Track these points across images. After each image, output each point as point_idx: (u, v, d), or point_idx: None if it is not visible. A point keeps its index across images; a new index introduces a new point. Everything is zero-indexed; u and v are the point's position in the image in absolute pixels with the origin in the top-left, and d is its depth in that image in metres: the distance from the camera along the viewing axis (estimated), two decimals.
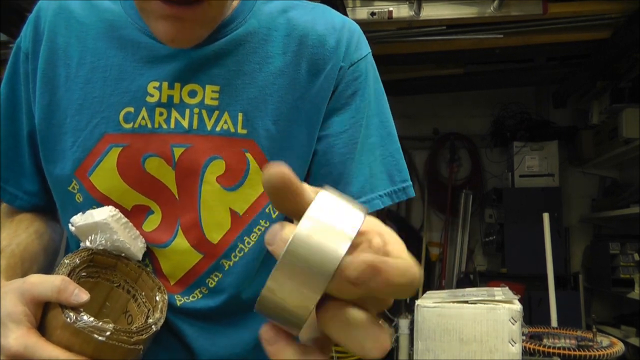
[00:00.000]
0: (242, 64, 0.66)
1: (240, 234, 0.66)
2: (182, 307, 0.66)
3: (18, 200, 0.73)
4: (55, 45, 0.68)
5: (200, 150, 0.64)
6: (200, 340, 0.67)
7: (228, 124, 0.65)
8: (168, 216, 0.66)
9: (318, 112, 0.68)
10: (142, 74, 0.65)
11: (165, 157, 0.64)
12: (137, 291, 0.63)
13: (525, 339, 1.92)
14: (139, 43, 0.66)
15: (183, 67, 0.65)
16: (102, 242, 0.61)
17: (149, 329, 0.56)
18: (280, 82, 0.67)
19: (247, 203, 0.66)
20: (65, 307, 0.51)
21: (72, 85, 0.66)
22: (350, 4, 2.65)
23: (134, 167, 0.65)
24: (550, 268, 2.52)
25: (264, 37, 0.68)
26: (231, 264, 0.67)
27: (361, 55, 0.70)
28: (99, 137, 0.65)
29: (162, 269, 0.67)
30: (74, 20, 0.68)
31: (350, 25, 0.71)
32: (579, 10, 2.73)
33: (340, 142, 0.68)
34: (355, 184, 0.68)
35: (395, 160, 0.71)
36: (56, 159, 0.67)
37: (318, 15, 0.70)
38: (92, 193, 0.65)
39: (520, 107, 4.13)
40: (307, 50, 0.68)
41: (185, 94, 0.65)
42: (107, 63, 0.66)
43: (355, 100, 0.69)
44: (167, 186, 0.65)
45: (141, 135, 0.65)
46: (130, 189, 0.65)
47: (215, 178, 0.65)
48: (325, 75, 0.68)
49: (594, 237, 4.03)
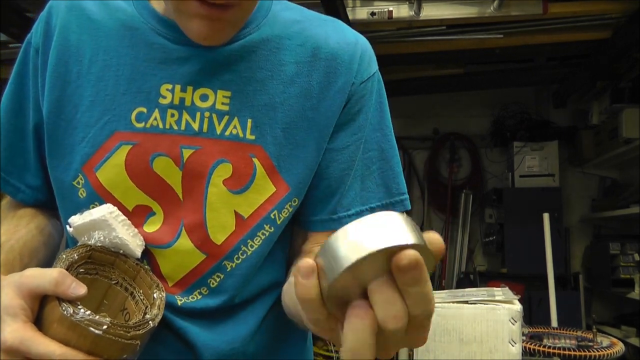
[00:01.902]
0: (254, 70, 0.67)
1: (244, 237, 0.67)
2: (183, 307, 0.67)
3: (20, 194, 0.73)
4: (67, 42, 0.68)
5: (209, 152, 0.65)
6: (202, 337, 0.67)
7: (237, 129, 0.66)
8: (170, 217, 0.66)
9: (328, 124, 0.69)
10: (154, 75, 0.66)
11: (173, 157, 0.65)
12: (135, 289, 0.63)
13: (525, 339, 1.92)
14: (153, 44, 0.67)
15: (196, 70, 0.66)
16: (101, 239, 0.61)
17: (146, 324, 0.56)
18: (291, 91, 0.68)
19: (252, 207, 0.67)
20: (63, 300, 0.51)
21: (84, 82, 0.67)
22: (350, 4, 2.65)
23: (141, 165, 0.65)
24: (550, 268, 2.52)
25: (277, 45, 0.68)
26: (233, 266, 0.67)
27: (371, 73, 0.71)
28: (109, 134, 0.65)
29: (161, 270, 0.67)
30: (86, 18, 0.69)
31: (363, 41, 0.72)
32: (579, 10, 2.73)
33: (341, 158, 0.69)
34: (347, 197, 0.70)
35: (394, 174, 0.72)
36: (63, 152, 0.67)
37: (331, 28, 0.71)
38: (96, 189, 0.66)
39: (520, 107, 4.13)
40: (320, 62, 0.68)
41: (197, 97, 0.66)
42: (120, 62, 0.67)
43: (359, 117, 0.70)
44: (172, 187, 0.66)
45: (152, 135, 0.65)
46: (135, 186, 0.66)
47: (221, 181, 0.65)
48: (338, 88, 0.68)
49: (594, 237, 4.03)
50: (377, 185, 0.71)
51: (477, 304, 1.27)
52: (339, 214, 0.69)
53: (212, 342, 0.68)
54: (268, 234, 0.68)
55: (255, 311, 0.71)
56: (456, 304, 1.28)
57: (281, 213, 0.68)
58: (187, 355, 0.68)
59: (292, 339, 0.76)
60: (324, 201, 0.70)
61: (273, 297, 0.72)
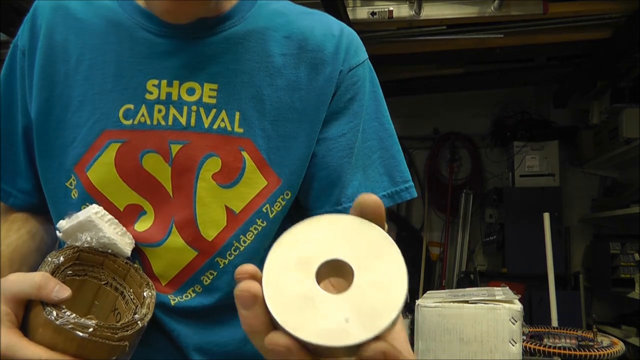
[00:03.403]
0: (241, 62, 0.67)
1: (236, 233, 0.66)
2: (176, 307, 0.66)
3: (12, 198, 0.72)
4: (53, 42, 0.68)
5: (197, 147, 0.65)
6: (194, 339, 0.67)
7: (225, 122, 0.65)
8: (161, 215, 0.66)
9: (318, 114, 0.68)
10: (140, 70, 0.65)
11: (162, 153, 0.65)
12: (125, 288, 0.62)
13: (525, 339, 1.92)
14: (137, 38, 0.66)
15: (181, 64, 0.65)
16: (88, 240, 0.60)
17: (135, 324, 0.55)
18: (279, 83, 0.67)
19: (243, 202, 0.66)
20: (48, 304, 0.50)
21: (72, 82, 0.67)
22: (351, 4, 2.65)
23: (131, 163, 0.65)
24: (550, 268, 2.52)
25: (262, 36, 0.68)
26: (226, 262, 0.67)
27: (359, 61, 0.71)
28: (98, 133, 0.65)
29: (153, 269, 0.66)
30: (71, 17, 0.68)
31: (349, 31, 0.72)
32: (579, 10, 2.73)
33: (338, 146, 0.69)
34: (350, 187, 0.69)
35: (396, 162, 0.72)
36: (55, 154, 0.67)
37: (316, 20, 0.71)
38: (87, 189, 0.65)
39: (520, 107, 4.13)
40: (307, 54, 0.68)
41: (184, 91, 0.65)
42: (106, 59, 0.66)
43: (353, 105, 0.70)
44: (162, 184, 0.65)
45: (140, 131, 0.65)
46: (126, 185, 0.65)
47: (210, 175, 0.65)
48: (325, 78, 0.68)
49: (594, 237, 4.03)
50: (380, 174, 0.71)
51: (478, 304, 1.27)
52: (343, 204, 0.69)
53: (206, 345, 0.67)
54: (261, 229, 0.67)
55: None
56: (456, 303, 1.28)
57: (273, 207, 0.67)
58: (178, 358, 0.67)
59: None
60: (326, 192, 0.69)
61: None
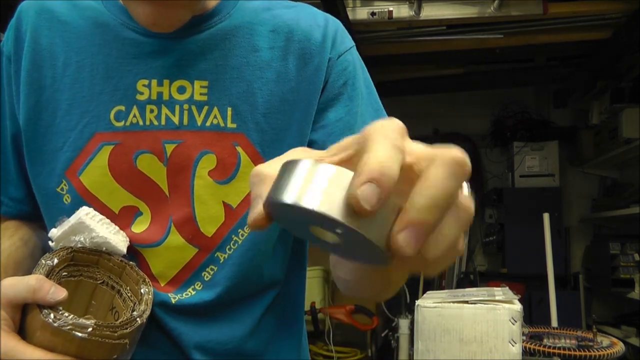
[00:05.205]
0: (229, 58, 0.67)
1: (235, 227, 0.67)
2: (177, 305, 0.66)
3: (3, 207, 0.72)
4: (39, 47, 0.67)
5: (192, 145, 0.65)
6: (195, 337, 0.67)
7: (218, 119, 0.66)
8: (158, 215, 0.66)
9: (310, 104, 0.68)
10: (129, 71, 0.65)
11: (157, 153, 0.65)
12: (122, 286, 0.62)
13: (525, 339, 1.91)
14: (124, 39, 0.66)
15: (170, 63, 0.65)
16: (81, 241, 0.60)
17: (134, 322, 0.55)
18: (268, 76, 0.67)
19: (240, 196, 0.66)
20: (44, 307, 0.50)
21: (60, 86, 0.66)
22: (350, 4, 2.64)
23: (125, 165, 0.65)
24: (550, 268, 2.52)
25: (249, 31, 0.68)
26: (226, 257, 0.67)
27: (347, 47, 0.72)
28: (89, 137, 0.65)
29: (152, 270, 0.66)
30: (56, 20, 0.68)
31: (333, 20, 0.73)
32: (579, 10, 2.73)
33: (338, 130, 0.69)
34: None
35: None
36: (45, 159, 0.67)
37: (301, 12, 0.72)
38: (81, 193, 0.65)
39: (520, 107, 4.13)
40: (294, 45, 0.69)
41: (175, 90, 0.65)
42: (94, 61, 0.66)
43: (346, 89, 0.70)
44: (158, 184, 0.65)
45: (133, 133, 0.65)
46: (120, 187, 0.65)
47: (207, 172, 0.65)
48: (314, 67, 0.68)
49: (594, 237, 4.02)
50: None
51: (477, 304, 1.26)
52: None
53: (206, 343, 0.67)
54: None
55: (252, 310, 0.70)
56: (456, 303, 1.28)
57: None
58: (179, 357, 0.67)
59: (288, 339, 0.75)
60: None
61: (272, 296, 0.71)
